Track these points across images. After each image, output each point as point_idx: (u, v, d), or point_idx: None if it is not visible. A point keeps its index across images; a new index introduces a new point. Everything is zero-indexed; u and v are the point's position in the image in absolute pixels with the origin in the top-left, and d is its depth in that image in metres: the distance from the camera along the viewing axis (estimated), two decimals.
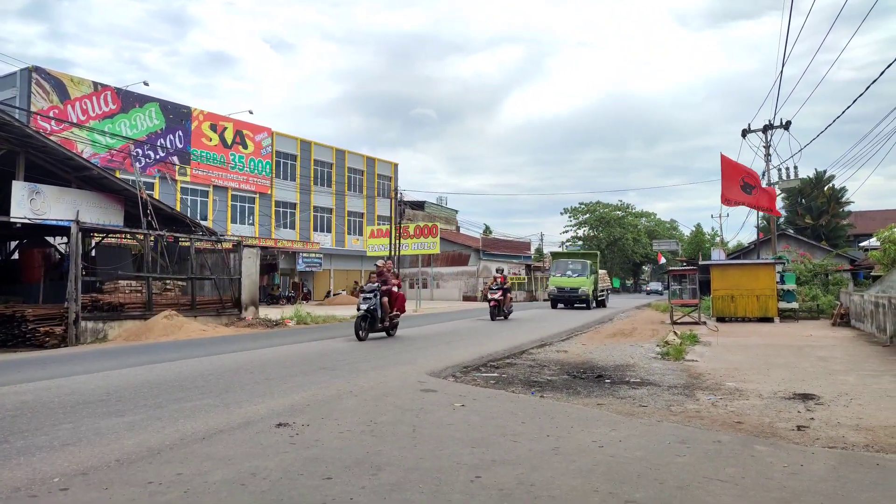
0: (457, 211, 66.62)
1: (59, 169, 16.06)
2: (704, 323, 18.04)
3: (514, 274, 50.56)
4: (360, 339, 12.44)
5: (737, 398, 6.53)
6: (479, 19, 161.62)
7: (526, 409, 5.93)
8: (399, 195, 33.73)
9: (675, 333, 13.46)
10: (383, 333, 13.40)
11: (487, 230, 73.82)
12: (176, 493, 3.43)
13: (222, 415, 5.43)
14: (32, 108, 27.56)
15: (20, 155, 14.87)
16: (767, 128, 23.56)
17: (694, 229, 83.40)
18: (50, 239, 20.05)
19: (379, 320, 13.01)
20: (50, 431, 4.77)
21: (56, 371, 8.41)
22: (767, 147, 23.82)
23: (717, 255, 28.59)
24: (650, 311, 27.59)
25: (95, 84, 31.02)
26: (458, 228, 60.97)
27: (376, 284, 13.18)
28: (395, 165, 52.58)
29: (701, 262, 23.06)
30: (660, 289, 65.01)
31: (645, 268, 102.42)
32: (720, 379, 7.85)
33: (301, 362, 9.24)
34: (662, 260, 52.93)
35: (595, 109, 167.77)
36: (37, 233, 18.47)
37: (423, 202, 59.09)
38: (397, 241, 29.41)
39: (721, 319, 19.12)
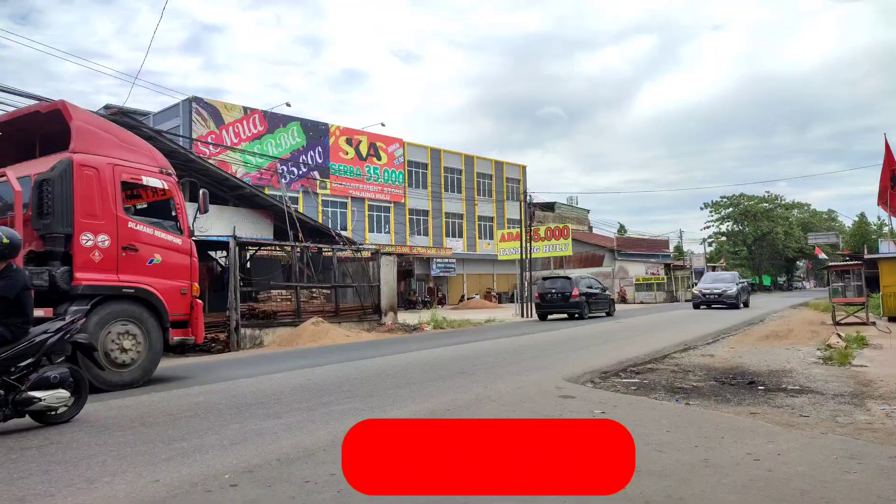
0: (588, 210, 65.14)
1: (217, 189, 17.67)
2: (873, 323, 16.29)
3: (653, 274, 48.55)
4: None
5: None
6: (606, 13, 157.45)
7: (670, 416, 5.68)
8: (528, 197, 33.61)
9: (839, 335, 12.27)
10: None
11: (622, 229, 71.50)
12: (330, 492, 3.64)
13: (368, 418, 5.69)
14: (193, 135, 30.51)
15: (184, 178, 16.54)
16: None
17: (857, 219, 75.64)
18: (211, 253, 22.10)
19: None
20: (220, 431, 5.25)
21: (222, 374, 9.23)
22: None
23: (887, 248, 25.64)
24: (807, 311, 25.38)
25: (245, 108, 33.77)
26: (590, 228, 59.62)
27: None
28: (524, 168, 52.46)
29: (867, 256, 20.87)
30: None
31: (799, 263, 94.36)
32: (895, 387, 7.06)
33: (439, 366, 9.46)
34: (822, 255, 48.40)
35: (735, 95, 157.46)
36: (201, 248, 20.43)
37: (553, 203, 58.39)
38: (528, 244, 29.27)
39: (894, 319, 17.21)
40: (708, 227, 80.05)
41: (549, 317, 23.88)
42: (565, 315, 23.51)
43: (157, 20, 54.98)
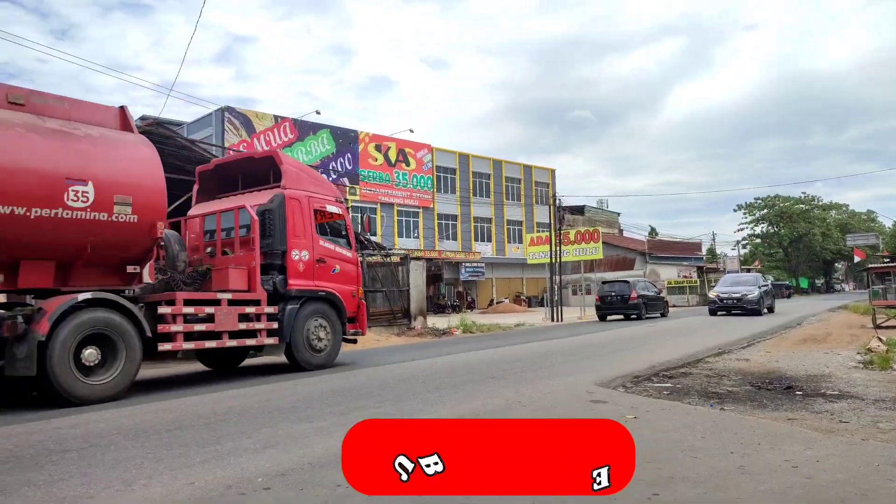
0: (619, 213, 64.42)
1: None
2: None
3: (686, 277, 47.83)
4: None
5: None
6: (635, 15, 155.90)
7: (704, 422, 5.58)
8: (557, 201, 33.43)
9: (880, 339, 11.92)
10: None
11: (653, 232, 70.55)
12: (361, 497, 3.66)
13: None
14: (226, 144, 31.06)
15: None
16: None
17: None
18: None
19: None
20: (253, 435, 5.32)
21: (254, 380, 9.34)
22: None
23: None
24: (846, 314, 24.73)
25: (276, 117, 34.27)
26: (620, 231, 58.97)
27: None
28: (552, 171, 52.22)
29: None
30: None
31: (838, 265, 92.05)
32: None
33: (469, 371, 9.45)
34: (859, 257, 47.06)
35: (769, 96, 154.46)
36: None
37: (583, 206, 57.75)
38: (558, 248, 29.08)
39: None
40: (742, 230, 78.66)
41: (608, 318, 25.14)
42: (622, 316, 24.79)
43: (192, 33, 56.17)
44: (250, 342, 9.31)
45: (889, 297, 17.85)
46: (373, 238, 26.61)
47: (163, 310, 8.17)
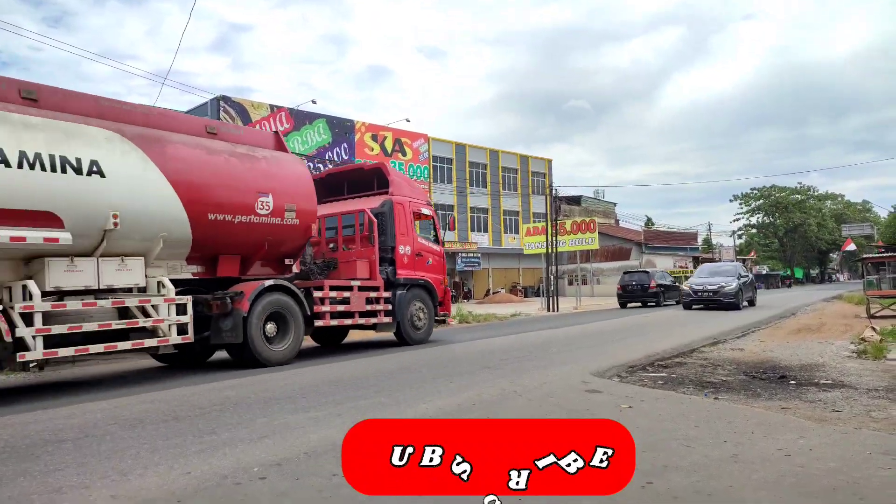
0: (615, 204, 64.48)
1: None
2: None
3: (681, 267, 47.96)
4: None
5: None
6: (634, 4, 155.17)
7: (699, 411, 5.61)
8: (554, 191, 33.39)
9: (874, 329, 11.99)
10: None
11: (649, 222, 70.66)
12: None
13: (395, 413, 5.73)
14: None
15: None
16: None
17: (892, 210, 73.68)
18: None
19: None
20: (249, 425, 5.33)
21: (251, 370, 9.34)
22: None
23: None
24: (841, 304, 24.85)
25: (272, 106, 34.08)
26: (617, 222, 59.04)
27: None
28: (549, 161, 52.12)
29: None
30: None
31: (833, 255, 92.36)
32: None
33: (465, 361, 9.48)
34: (851, 246, 47.18)
35: (768, 86, 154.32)
36: None
37: (580, 196, 57.95)
38: (554, 238, 29.07)
39: None
40: (738, 220, 78.78)
41: (628, 305, 26.63)
42: (640, 304, 26.44)
43: (186, 21, 55.74)
44: (373, 321, 11.39)
45: (883, 287, 17.93)
46: None
47: (316, 294, 10.28)
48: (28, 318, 6.95)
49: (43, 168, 7.05)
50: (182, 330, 8.43)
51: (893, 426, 4.95)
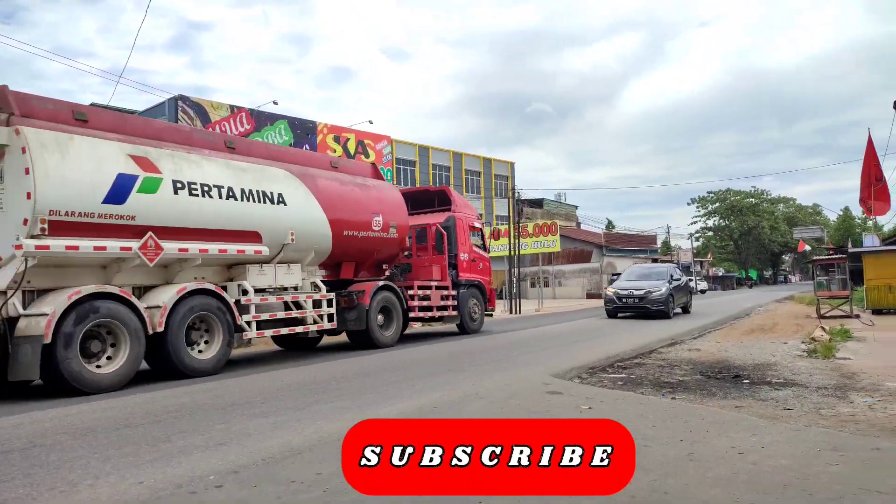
0: (576, 207, 65.40)
1: None
2: (857, 316, 16.48)
3: None
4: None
5: None
6: (595, 9, 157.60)
7: (656, 411, 5.71)
8: (516, 194, 33.65)
9: (823, 329, 12.40)
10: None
11: (610, 225, 71.71)
12: (316, 492, 3.64)
13: (356, 417, 5.67)
14: None
15: None
16: None
17: (841, 213, 76.43)
18: None
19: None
20: (205, 432, 5.21)
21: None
22: None
23: (871, 241, 25.97)
24: (792, 305, 25.64)
25: (232, 107, 33.52)
26: (578, 224, 59.80)
27: None
28: (512, 164, 52.50)
29: (851, 250, 21.11)
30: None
31: (785, 257, 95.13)
32: (878, 379, 7.14)
33: (428, 364, 9.46)
34: (806, 247, 48.74)
35: (724, 91, 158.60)
36: None
37: (542, 199, 58.52)
38: (517, 241, 29.29)
39: (877, 312, 17.43)
40: (695, 223, 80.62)
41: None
42: None
43: (142, 18, 54.50)
44: (446, 314, 14.27)
45: (833, 289, 18.55)
46: None
47: (410, 292, 12.89)
48: (245, 309, 9.44)
49: (253, 200, 9.53)
50: (330, 318, 11.03)
51: (842, 423, 5.12)
